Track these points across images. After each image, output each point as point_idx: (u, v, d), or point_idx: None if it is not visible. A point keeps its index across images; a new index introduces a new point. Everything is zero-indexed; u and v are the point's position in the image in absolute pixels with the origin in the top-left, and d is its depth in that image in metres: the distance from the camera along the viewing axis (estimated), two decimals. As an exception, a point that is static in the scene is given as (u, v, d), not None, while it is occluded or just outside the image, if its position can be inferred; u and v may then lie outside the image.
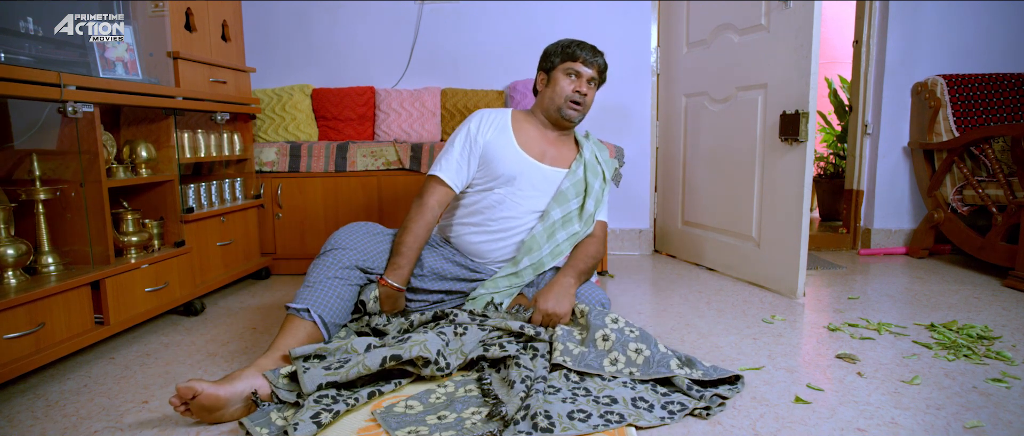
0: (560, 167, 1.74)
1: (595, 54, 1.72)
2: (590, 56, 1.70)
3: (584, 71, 1.70)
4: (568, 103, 1.70)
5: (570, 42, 1.72)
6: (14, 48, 1.58)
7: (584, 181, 1.75)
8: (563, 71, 1.71)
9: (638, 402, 1.27)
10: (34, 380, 1.50)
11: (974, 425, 1.19)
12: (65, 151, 1.65)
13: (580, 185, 1.74)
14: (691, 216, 2.85)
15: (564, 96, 1.70)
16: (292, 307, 1.45)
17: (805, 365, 1.54)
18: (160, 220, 1.97)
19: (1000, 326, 1.81)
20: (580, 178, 1.74)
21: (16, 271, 1.52)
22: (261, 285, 2.48)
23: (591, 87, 1.73)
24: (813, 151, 2.10)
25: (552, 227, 1.70)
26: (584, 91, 1.70)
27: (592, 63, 1.71)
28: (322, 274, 1.52)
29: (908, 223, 3.05)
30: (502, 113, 1.76)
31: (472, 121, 1.73)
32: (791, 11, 2.13)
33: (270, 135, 2.81)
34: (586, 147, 1.79)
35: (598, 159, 1.81)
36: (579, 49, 1.70)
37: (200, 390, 1.18)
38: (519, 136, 1.72)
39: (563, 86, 1.71)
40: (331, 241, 1.60)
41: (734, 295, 2.24)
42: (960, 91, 2.75)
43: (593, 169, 1.77)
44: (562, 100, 1.71)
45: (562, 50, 1.72)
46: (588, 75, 1.71)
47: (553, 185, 1.73)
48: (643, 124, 3.07)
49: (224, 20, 2.35)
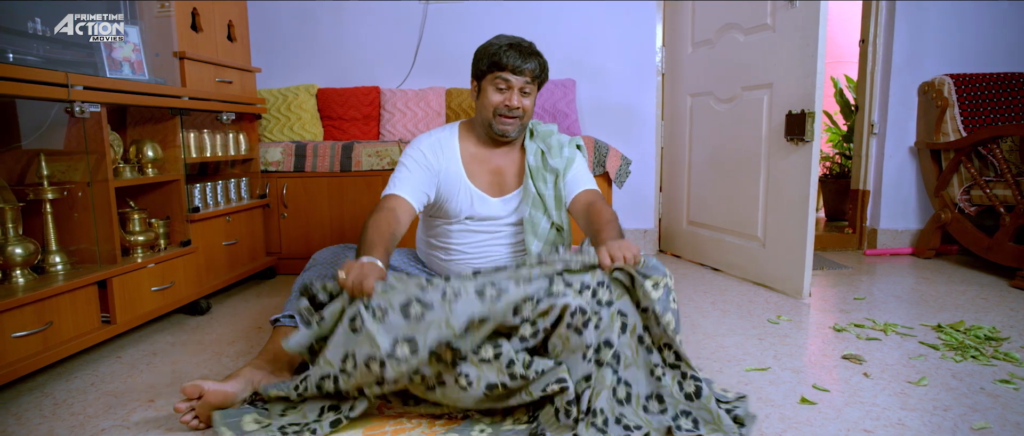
0: (512, 190, 1.60)
1: (526, 58, 1.48)
2: (519, 62, 1.47)
3: (514, 80, 1.48)
4: (498, 118, 1.51)
5: (498, 47, 1.49)
6: (22, 48, 1.59)
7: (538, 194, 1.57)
8: (490, 81, 1.51)
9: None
10: (42, 378, 1.51)
11: (982, 427, 1.19)
12: (72, 151, 1.66)
13: (538, 201, 1.57)
14: (696, 216, 2.85)
15: (492, 109, 1.51)
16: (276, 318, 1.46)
17: (811, 366, 1.53)
18: (166, 220, 1.98)
19: (1008, 327, 1.79)
20: (533, 193, 1.56)
21: (24, 270, 1.53)
22: (267, 285, 2.49)
23: (527, 94, 1.51)
24: (819, 151, 2.10)
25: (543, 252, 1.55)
26: (515, 104, 1.49)
27: (522, 70, 1.48)
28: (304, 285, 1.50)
29: (915, 223, 3.03)
30: (448, 137, 1.59)
31: (423, 144, 1.56)
32: (797, 10, 2.12)
33: (275, 135, 2.82)
34: (529, 151, 1.59)
35: (544, 155, 1.59)
36: (506, 55, 1.47)
37: (206, 388, 1.19)
38: (469, 166, 1.57)
39: (491, 98, 1.50)
40: (312, 259, 1.58)
41: (739, 295, 2.23)
42: (968, 90, 2.74)
43: (538, 174, 1.58)
44: (491, 114, 1.51)
45: (488, 57, 1.50)
46: (520, 84, 1.49)
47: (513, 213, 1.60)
48: (648, 124, 3.06)
49: (230, 20, 2.35)
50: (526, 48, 1.50)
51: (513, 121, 1.53)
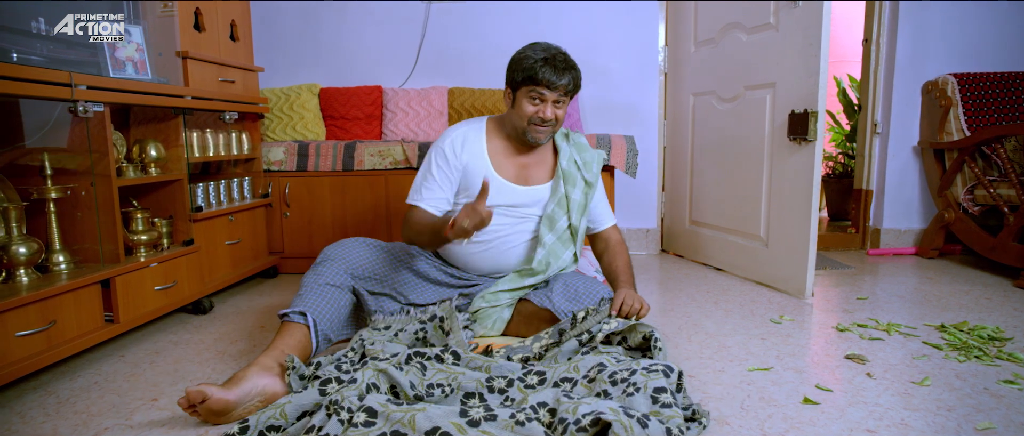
0: (541, 184, 1.70)
1: (561, 73, 1.55)
2: (555, 78, 1.54)
3: (548, 95, 1.56)
4: (532, 127, 1.60)
5: (534, 61, 1.54)
6: (26, 48, 1.60)
7: (565, 196, 1.68)
8: (525, 93, 1.58)
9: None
10: (45, 377, 1.51)
11: (986, 427, 1.18)
12: (76, 150, 1.66)
13: (563, 202, 1.68)
14: (699, 215, 2.84)
15: (527, 119, 1.59)
16: (285, 313, 1.46)
17: (814, 365, 1.53)
18: (169, 219, 1.98)
19: (1012, 327, 1.79)
20: (562, 195, 1.67)
21: (28, 269, 1.53)
22: (269, 284, 2.50)
23: (559, 105, 1.60)
24: (822, 150, 2.09)
25: (553, 250, 1.68)
26: (548, 116, 1.58)
27: (556, 86, 1.55)
28: (314, 281, 1.53)
29: (918, 223, 3.02)
30: (475, 132, 1.67)
31: (445, 145, 1.64)
32: (800, 10, 2.12)
33: (278, 134, 2.82)
34: (563, 154, 1.70)
35: (577, 165, 1.71)
36: (542, 69, 1.53)
37: (210, 394, 1.18)
38: (495, 158, 1.66)
39: (526, 109, 1.58)
40: (323, 254, 1.61)
41: (742, 295, 2.23)
42: (971, 90, 2.73)
43: (571, 179, 1.69)
44: (525, 123, 1.60)
45: (524, 70, 1.56)
46: (553, 97, 1.57)
47: (537, 202, 1.69)
48: (651, 123, 3.06)
49: (233, 20, 2.36)
50: (561, 63, 1.56)
51: (546, 130, 1.63)
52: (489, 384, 1.26)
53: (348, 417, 1.07)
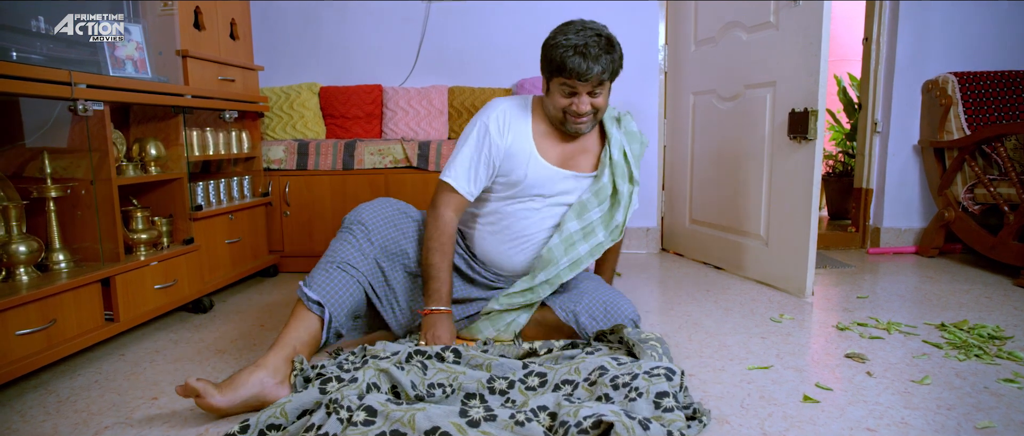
0: (585, 171, 1.59)
1: (591, 62, 1.40)
2: (584, 67, 1.40)
3: (580, 86, 1.44)
4: (569, 118, 1.49)
5: (562, 50, 1.41)
6: (26, 47, 1.60)
7: (611, 186, 1.56)
8: (556, 84, 1.47)
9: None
10: (46, 376, 1.52)
11: (986, 426, 1.18)
12: (76, 149, 1.66)
13: (605, 192, 1.56)
14: (699, 214, 2.84)
15: (561, 109, 1.49)
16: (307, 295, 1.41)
17: (814, 364, 1.53)
18: (169, 218, 1.98)
19: (1012, 326, 1.79)
20: (605, 184, 1.55)
21: (28, 268, 1.53)
22: (269, 282, 2.50)
23: (597, 94, 1.47)
24: (822, 149, 2.09)
25: (570, 239, 1.55)
26: (583, 110, 1.46)
27: (588, 77, 1.41)
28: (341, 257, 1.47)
29: (918, 222, 3.02)
30: (521, 111, 1.56)
31: (491, 119, 1.52)
32: (800, 9, 2.12)
33: (278, 133, 2.82)
34: (614, 141, 1.57)
35: (627, 157, 1.58)
36: (572, 59, 1.40)
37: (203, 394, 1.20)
38: (539, 141, 1.54)
39: (558, 101, 1.48)
40: (356, 214, 1.53)
41: (742, 294, 2.23)
42: (972, 89, 2.73)
43: (621, 171, 1.56)
44: (560, 114, 1.50)
45: (551, 61, 1.45)
46: (587, 88, 1.45)
47: (578, 191, 1.59)
48: (650, 122, 3.06)
49: (232, 19, 2.36)
50: (592, 50, 1.40)
51: (585, 120, 1.50)
52: (490, 385, 1.26)
53: (347, 416, 1.07)
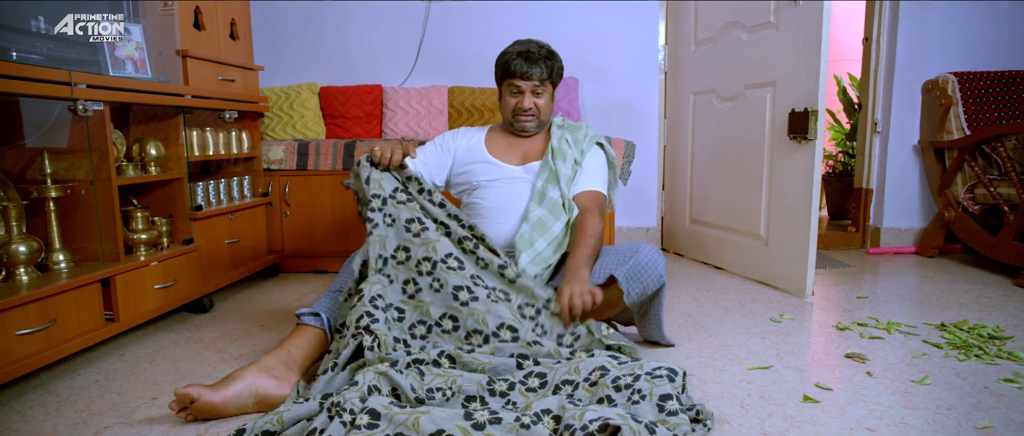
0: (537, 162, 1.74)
1: (532, 64, 1.65)
2: (526, 68, 1.64)
3: (524, 85, 1.67)
4: (517, 117, 1.71)
5: (508, 57, 1.68)
6: (26, 47, 1.60)
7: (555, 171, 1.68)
8: (506, 87, 1.71)
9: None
10: (46, 376, 1.52)
11: (986, 426, 1.18)
12: (75, 149, 1.66)
13: (553, 177, 1.67)
14: (699, 214, 2.84)
15: (510, 110, 1.71)
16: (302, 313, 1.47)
17: (814, 364, 1.53)
18: (169, 218, 1.98)
19: (1012, 326, 1.79)
20: (552, 168, 1.68)
21: (28, 268, 1.53)
22: (269, 283, 2.50)
23: (539, 94, 1.69)
24: (822, 149, 2.09)
25: (540, 223, 1.62)
26: (526, 106, 1.68)
27: (530, 75, 1.65)
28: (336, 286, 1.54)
29: (918, 222, 3.02)
30: (476, 130, 1.82)
31: (449, 131, 1.84)
32: (800, 9, 2.12)
33: (278, 133, 2.82)
34: (554, 134, 1.74)
35: (567, 142, 1.73)
36: (515, 62, 1.65)
37: (197, 396, 1.20)
38: (491, 146, 1.76)
39: (508, 102, 1.72)
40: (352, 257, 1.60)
41: (742, 294, 2.23)
42: (972, 89, 2.73)
43: (560, 154, 1.70)
44: (510, 114, 1.72)
45: (501, 65, 1.70)
46: (530, 87, 1.67)
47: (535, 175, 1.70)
48: (651, 122, 3.06)
49: (232, 19, 2.36)
50: (534, 54, 1.66)
51: (530, 118, 1.72)
52: (490, 386, 1.26)
53: (351, 419, 1.07)
